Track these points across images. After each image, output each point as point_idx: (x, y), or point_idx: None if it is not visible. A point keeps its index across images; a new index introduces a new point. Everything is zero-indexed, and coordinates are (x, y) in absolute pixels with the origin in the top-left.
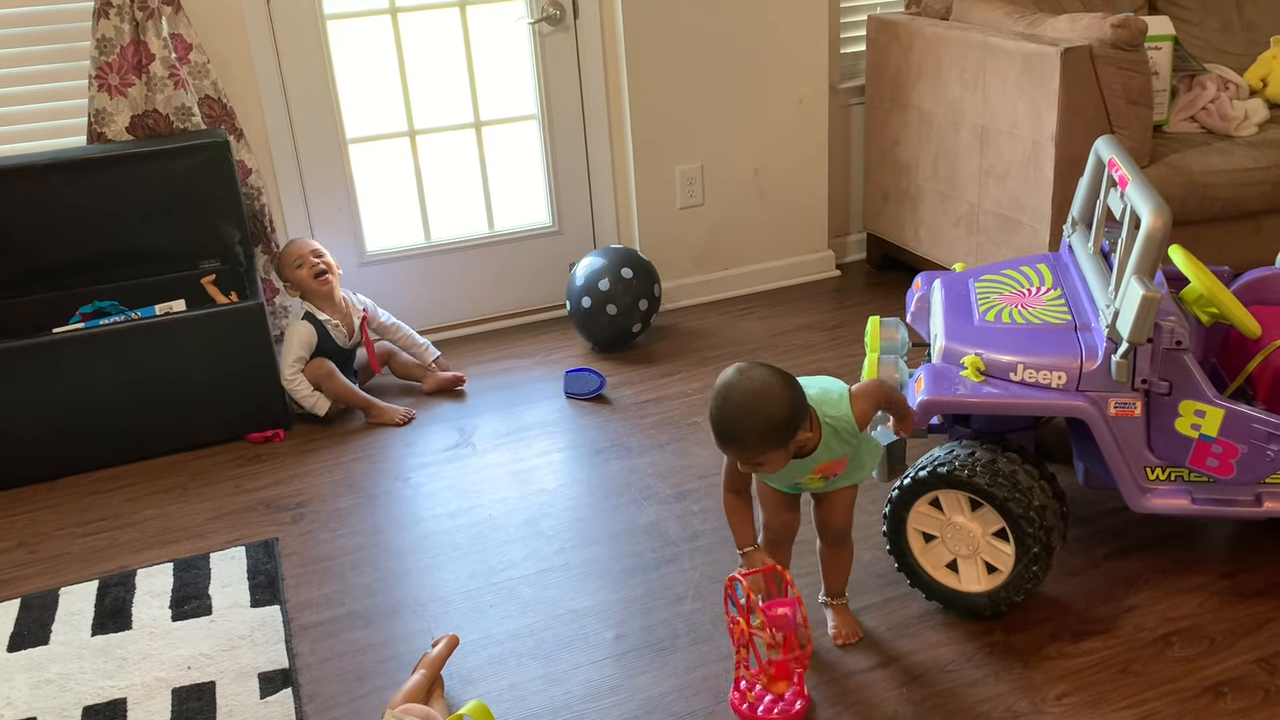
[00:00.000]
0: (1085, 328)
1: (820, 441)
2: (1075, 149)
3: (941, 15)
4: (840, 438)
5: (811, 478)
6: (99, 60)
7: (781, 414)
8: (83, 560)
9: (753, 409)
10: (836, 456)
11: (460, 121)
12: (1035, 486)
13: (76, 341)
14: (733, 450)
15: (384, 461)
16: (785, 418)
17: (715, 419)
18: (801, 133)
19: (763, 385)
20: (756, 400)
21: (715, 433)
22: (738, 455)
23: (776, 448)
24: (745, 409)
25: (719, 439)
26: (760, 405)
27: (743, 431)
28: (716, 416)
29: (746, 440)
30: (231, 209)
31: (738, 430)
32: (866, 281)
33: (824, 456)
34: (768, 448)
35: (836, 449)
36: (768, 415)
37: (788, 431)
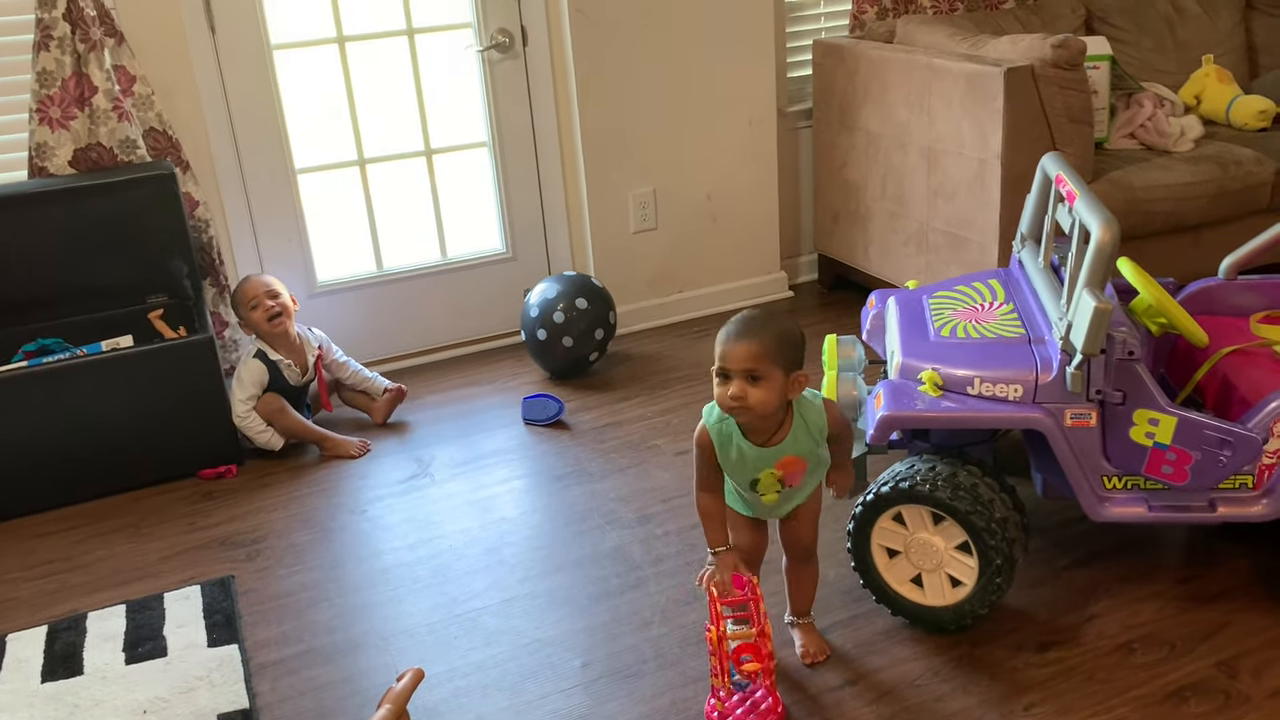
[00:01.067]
0: (1039, 340)
1: (790, 431)
2: (1020, 167)
3: (885, 38)
4: (809, 433)
5: (771, 476)
6: (39, 93)
7: (796, 334)
8: (30, 605)
9: (775, 319)
10: (801, 452)
11: (410, 149)
12: (996, 499)
13: (19, 380)
14: (745, 346)
15: (340, 495)
16: (797, 340)
17: (736, 320)
18: (751, 156)
19: (769, 314)
20: (778, 317)
21: (733, 331)
22: (747, 357)
23: (780, 365)
24: (770, 316)
25: (734, 335)
26: (781, 320)
27: (763, 328)
28: (738, 319)
29: (764, 335)
30: (179, 242)
31: (759, 325)
32: (819, 301)
33: (790, 448)
34: (776, 358)
35: (803, 443)
36: (786, 328)
37: (794, 355)
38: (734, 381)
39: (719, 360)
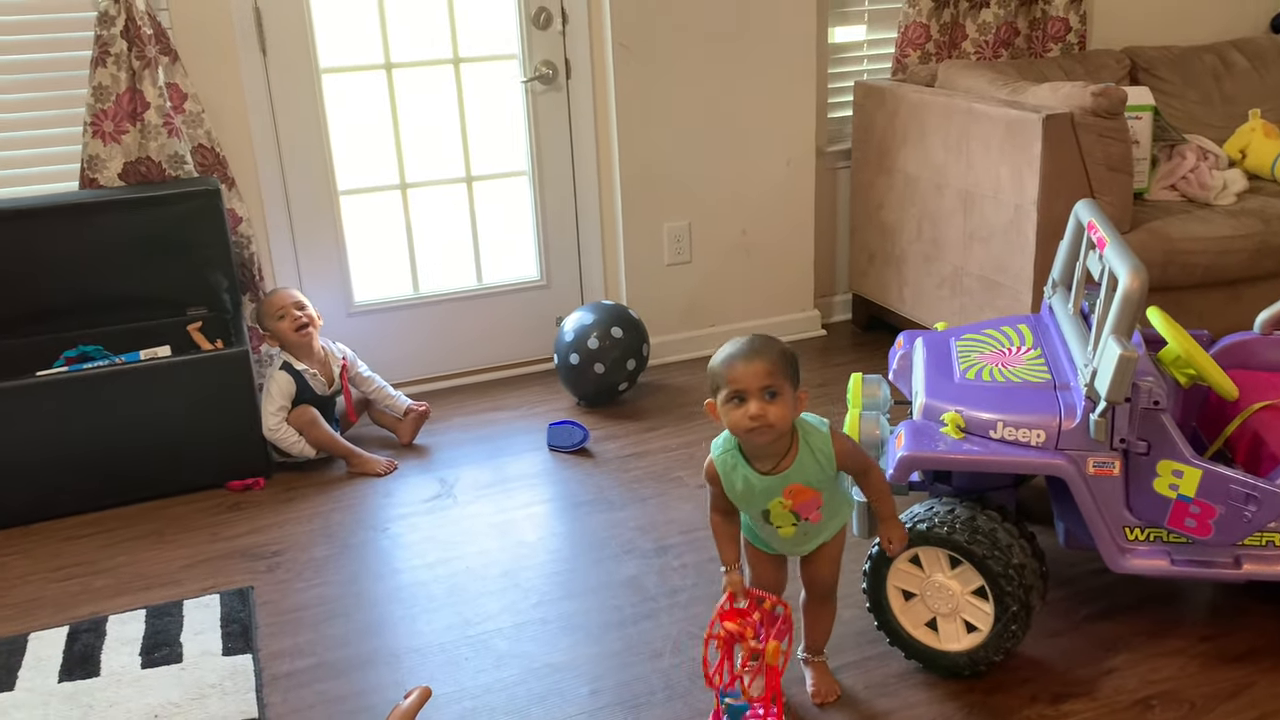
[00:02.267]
0: (1065, 386)
1: (796, 458)
2: (1057, 213)
3: (926, 82)
4: (815, 460)
5: (781, 506)
6: (94, 107)
7: (792, 352)
8: (54, 606)
9: (770, 339)
10: (809, 481)
11: (452, 176)
12: (1015, 545)
13: (58, 385)
14: (759, 364)
15: (363, 511)
16: (794, 357)
17: (736, 343)
18: (789, 194)
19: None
20: (771, 338)
21: (739, 352)
22: (764, 374)
23: (789, 380)
24: (765, 337)
25: (744, 355)
26: (774, 339)
27: (768, 346)
28: (736, 342)
29: (771, 352)
30: (220, 257)
31: (764, 344)
32: (852, 341)
33: (797, 475)
34: (785, 373)
35: (810, 470)
36: (784, 346)
37: (797, 372)
38: (752, 401)
39: (730, 384)
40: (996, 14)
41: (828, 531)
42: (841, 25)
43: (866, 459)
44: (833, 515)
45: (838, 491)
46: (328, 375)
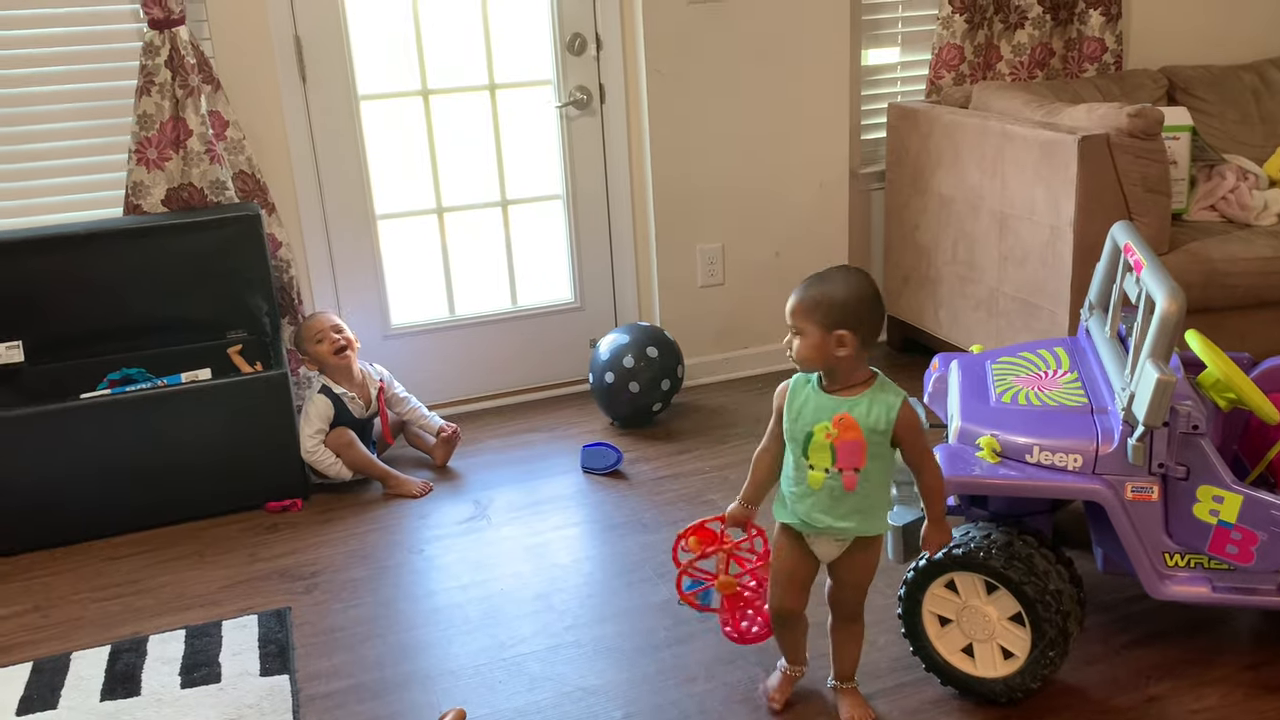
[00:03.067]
0: (1102, 410)
1: (864, 395)
2: (1093, 235)
3: (961, 104)
4: (874, 411)
5: (826, 434)
6: (139, 135)
7: (841, 295)
8: (96, 625)
9: (830, 279)
10: (862, 424)
11: (487, 200)
12: (1052, 570)
13: (102, 407)
14: (791, 303)
15: (399, 533)
16: (840, 300)
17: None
18: (822, 216)
19: (855, 276)
20: (840, 278)
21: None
22: (789, 313)
23: (815, 322)
24: (825, 277)
25: (795, 292)
26: (836, 280)
27: (808, 288)
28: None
29: (804, 295)
30: (261, 281)
31: (806, 285)
32: (888, 363)
33: (853, 408)
34: (810, 314)
35: (868, 415)
36: (828, 290)
37: (835, 314)
38: (788, 334)
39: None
40: (1031, 35)
41: (853, 524)
42: (875, 47)
43: (927, 447)
44: (865, 506)
45: (882, 482)
46: (365, 398)
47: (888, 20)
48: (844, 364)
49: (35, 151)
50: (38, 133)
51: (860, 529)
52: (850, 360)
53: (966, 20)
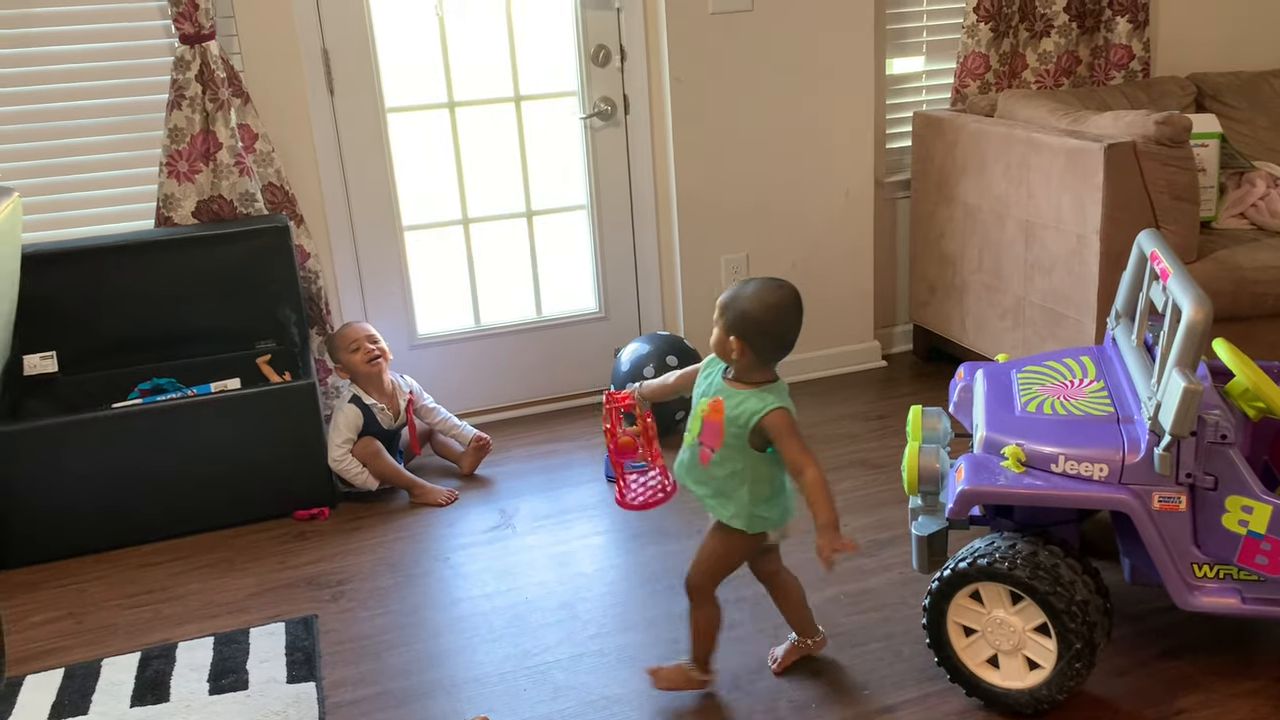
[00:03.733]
0: (1128, 420)
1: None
2: (1120, 243)
3: (986, 112)
4: (746, 408)
5: (702, 410)
6: (169, 148)
7: (744, 309)
8: (127, 632)
9: (752, 292)
10: (728, 413)
11: (512, 210)
12: (1078, 581)
13: (134, 417)
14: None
15: (425, 541)
16: (747, 311)
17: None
18: (847, 225)
19: (765, 294)
20: (754, 291)
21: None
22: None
23: (722, 324)
24: (748, 286)
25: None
26: (755, 294)
27: (732, 294)
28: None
29: (725, 297)
30: (289, 292)
31: (733, 290)
32: (913, 372)
33: (727, 398)
34: (721, 314)
35: (737, 408)
36: (745, 306)
37: (737, 322)
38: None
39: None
40: (1057, 43)
41: (704, 493)
42: (900, 56)
43: (804, 450)
44: (717, 490)
45: (737, 474)
46: (394, 409)
47: (913, 29)
48: (739, 364)
49: (69, 165)
50: (71, 146)
51: (710, 506)
52: (744, 363)
53: (992, 29)
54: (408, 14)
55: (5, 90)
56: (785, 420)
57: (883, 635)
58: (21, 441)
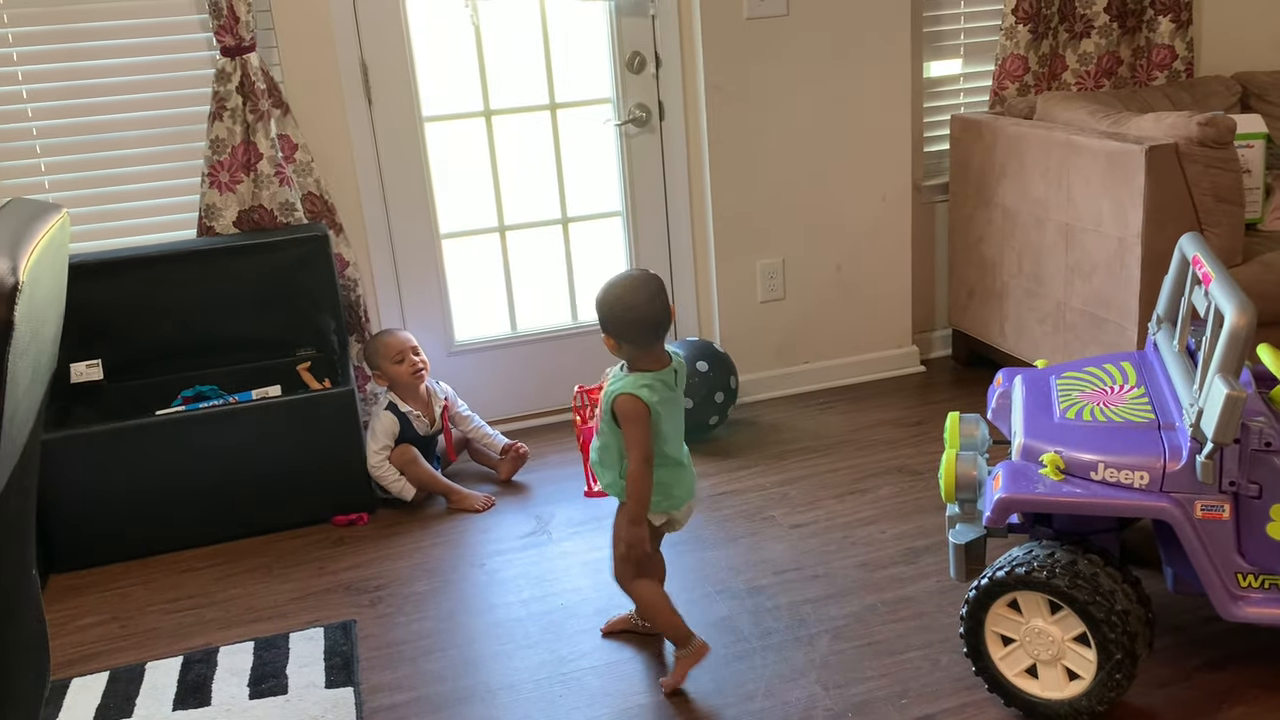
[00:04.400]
0: (1169, 426)
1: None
2: (1162, 247)
3: (1025, 114)
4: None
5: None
6: (211, 159)
7: (606, 309)
8: (170, 636)
9: (602, 294)
10: (603, 396)
11: (548, 217)
12: (1118, 590)
13: (176, 423)
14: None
15: (462, 547)
16: (606, 314)
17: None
18: (885, 229)
19: (612, 288)
20: (605, 290)
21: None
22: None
23: (602, 329)
24: (602, 289)
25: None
26: (602, 295)
27: (598, 301)
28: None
29: (595, 306)
30: (329, 300)
31: (598, 298)
32: (952, 378)
33: (611, 379)
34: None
35: (609, 388)
36: (601, 306)
37: (603, 324)
38: None
39: None
40: (1098, 44)
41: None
42: (937, 59)
43: (635, 438)
44: (598, 459)
45: (609, 443)
46: (430, 416)
47: (950, 32)
48: (623, 355)
49: (114, 176)
50: (116, 158)
51: (597, 473)
52: (626, 354)
53: (1030, 30)
54: (444, 24)
55: (53, 104)
56: (626, 406)
57: (920, 644)
58: (68, 448)
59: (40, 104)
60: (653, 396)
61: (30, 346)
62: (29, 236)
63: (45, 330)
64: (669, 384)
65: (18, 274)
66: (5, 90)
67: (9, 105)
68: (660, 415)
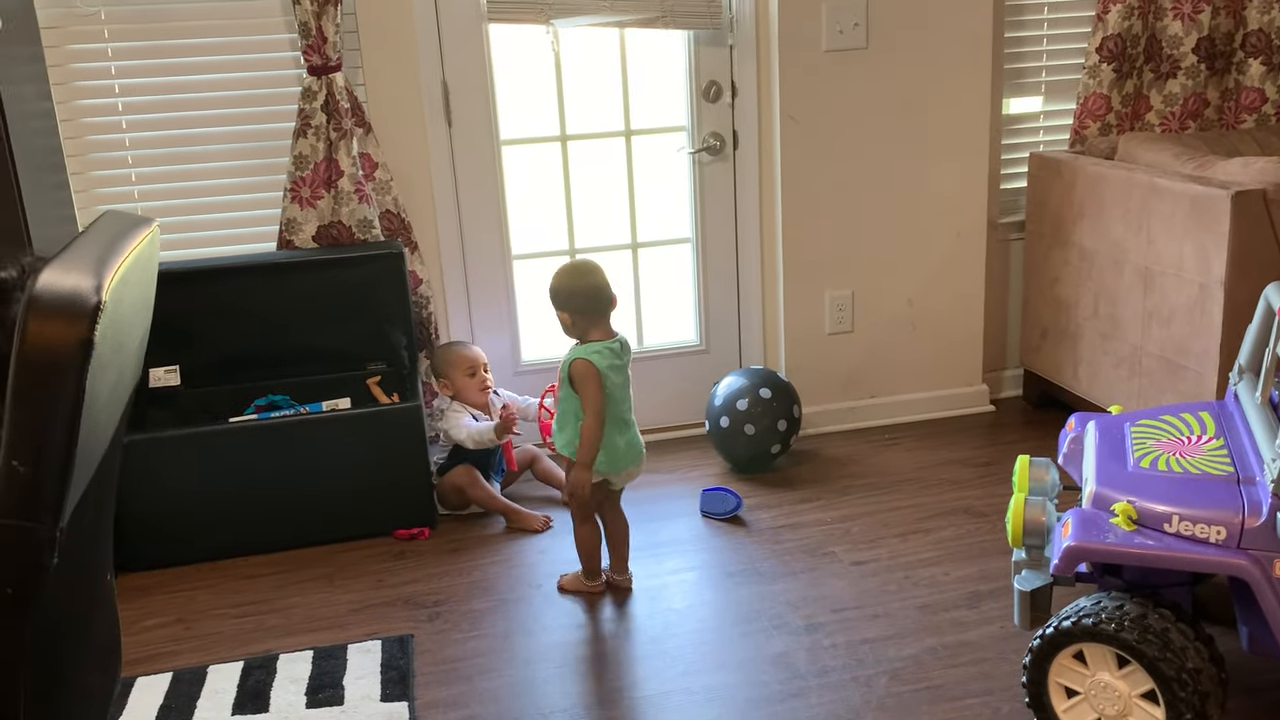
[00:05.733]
0: (1249, 481)
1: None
2: (1245, 294)
3: (1106, 154)
4: (570, 355)
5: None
6: (294, 174)
7: (564, 282)
8: (232, 641)
9: (552, 281)
10: (562, 367)
11: (619, 242)
12: (1190, 648)
13: (248, 431)
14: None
15: (520, 567)
16: (558, 291)
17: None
18: (958, 265)
19: (564, 270)
20: (555, 275)
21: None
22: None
23: (556, 310)
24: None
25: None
26: (552, 280)
27: (549, 291)
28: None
29: (549, 294)
30: (401, 316)
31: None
32: (1022, 419)
33: (569, 350)
34: (554, 307)
35: (566, 357)
36: (552, 288)
37: (556, 301)
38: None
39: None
40: (1184, 84)
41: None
42: (1017, 96)
43: (590, 396)
44: (559, 422)
45: (567, 407)
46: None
47: (1031, 69)
48: (577, 331)
49: (200, 188)
50: (203, 170)
51: (555, 437)
52: (579, 328)
53: (1114, 69)
54: (525, 49)
55: (145, 116)
56: (581, 368)
57: (980, 690)
58: (143, 451)
59: (134, 116)
60: (602, 361)
61: (113, 361)
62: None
63: (129, 344)
64: (616, 353)
65: (101, 293)
66: (102, 102)
67: (104, 117)
68: (609, 379)
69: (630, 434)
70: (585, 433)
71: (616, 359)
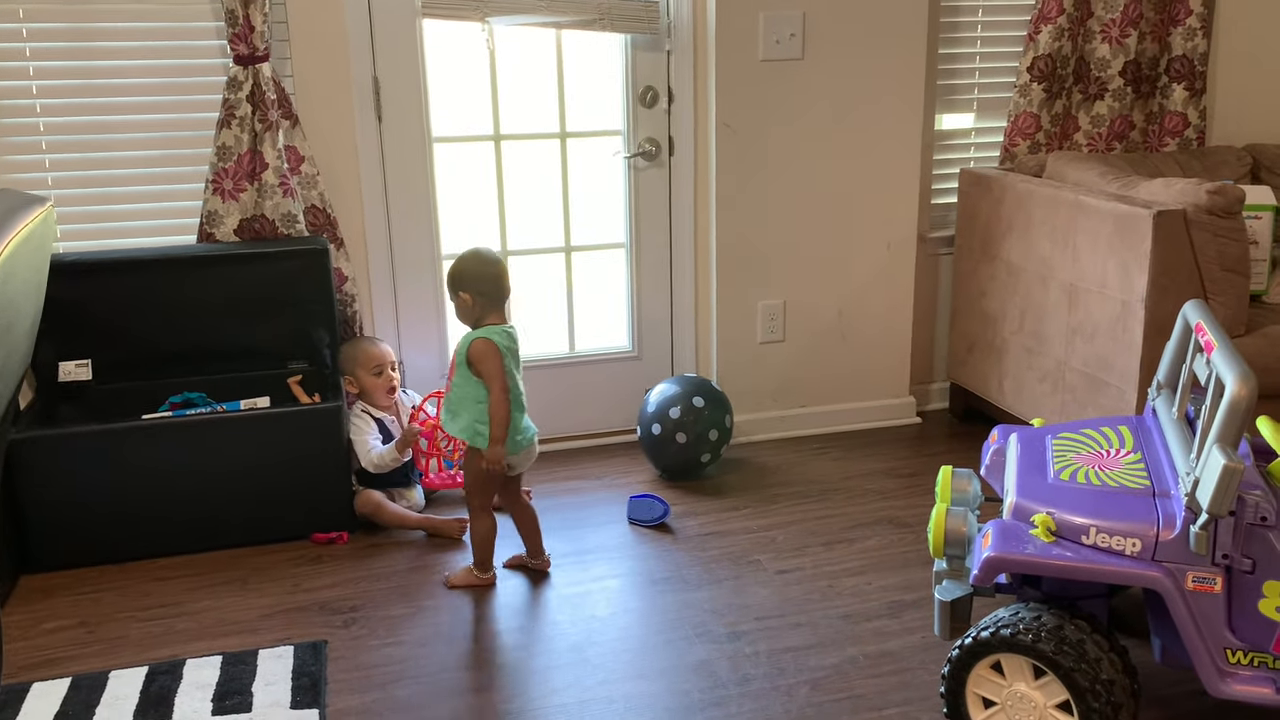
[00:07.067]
0: (1164, 494)
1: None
2: (1166, 312)
3: (1034, 172)
4: (464, 344)
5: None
6: (217, 166)
7: (468, 266)
8: (138, 645)
9: (453, 264)
10: (458, 352)
11: (552, 245)
12: (1104, 658)
13: (161, 429)
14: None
15: (439, 572)
16: (462, 273)
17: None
18: (888, 278)
19: (469, 254)
20: (458, 259)
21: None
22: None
23: (454, 293)
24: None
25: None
26: (454, 263)
27: (449, 276)
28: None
29: (448, 280)
30: (324, 314)
31: (448, 274)
32: (948, 431)
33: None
34: (452, 290)
35: (462, 346)
36: (455, 270)
37: (459, 283)
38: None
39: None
40: (1111, 106)
41: (448, 417)
42: (949, 112)
43: (493, 373)
44: (450, 409)
45: (462, 398)
46: (401, 424)
47: (964, 86)
48: (473, 315)
49: (118, 177)
50: (121, 159)
51: (448, 426)
52: (477, 311)
53: (1045, 89)
54: (459, 46)
55: (61, 101)
56: (481, 347)
57: (900, 700)
58: (51, 447)
59: (49, 100)
60: (502, 341)
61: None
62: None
63: (19, 325)
64: (513, 337)
65: None
66: (15, 84)
67: (17, 100)
68: (508, 360)
69: (526, 418)
70: (494, 409)
71: (513, 343)
